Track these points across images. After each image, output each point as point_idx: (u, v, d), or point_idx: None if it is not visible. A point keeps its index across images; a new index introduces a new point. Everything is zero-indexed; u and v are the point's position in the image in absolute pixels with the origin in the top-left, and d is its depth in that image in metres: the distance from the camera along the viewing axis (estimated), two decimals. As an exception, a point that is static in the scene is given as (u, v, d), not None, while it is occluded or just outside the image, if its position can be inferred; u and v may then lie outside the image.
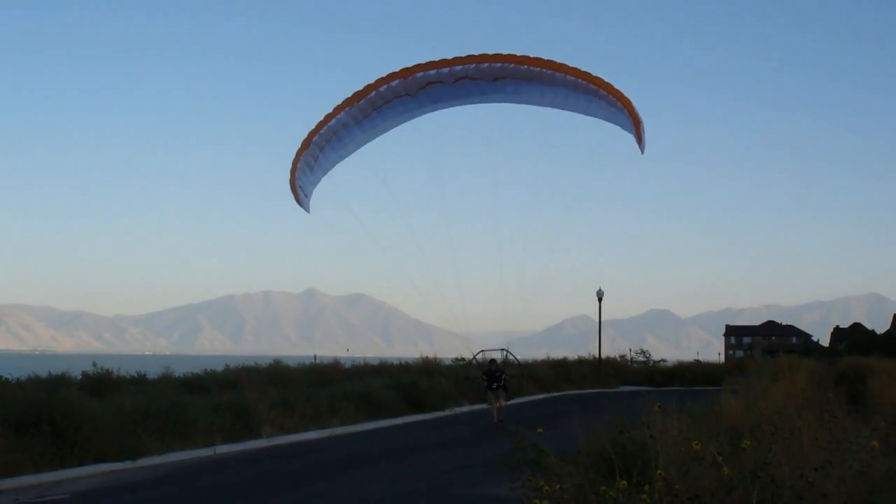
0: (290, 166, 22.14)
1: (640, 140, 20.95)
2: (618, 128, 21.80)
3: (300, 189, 22.20)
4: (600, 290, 62.82)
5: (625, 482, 8.45)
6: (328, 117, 21.51)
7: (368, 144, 22.50)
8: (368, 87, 21.16)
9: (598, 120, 22.07)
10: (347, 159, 22.64)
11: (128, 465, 20.10)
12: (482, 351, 33.48)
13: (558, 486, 9.26)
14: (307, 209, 22.81)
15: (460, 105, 22.39)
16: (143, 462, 20.52)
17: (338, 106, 21.39)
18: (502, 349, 33.57)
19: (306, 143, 21.74)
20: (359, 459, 22.03)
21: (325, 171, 22.79)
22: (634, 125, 20.72)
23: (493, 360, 31.61)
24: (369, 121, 21.59)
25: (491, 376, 30.56)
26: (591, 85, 20.59)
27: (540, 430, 10.24)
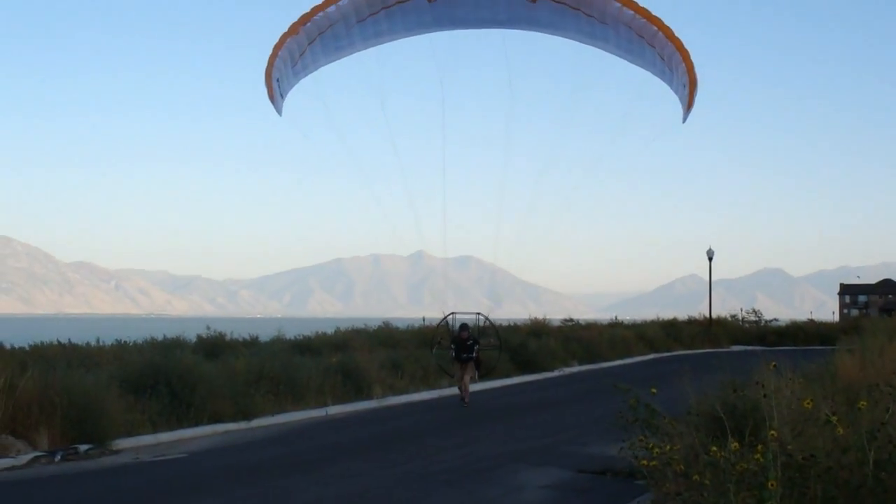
0: (271, 52, 18.23)
1: (689, 104, 17.94)
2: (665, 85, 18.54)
3: (276, 82, 18.46)
4: (710, 249, 62.09)
5: (737, 443, 8.36)
6: (327, 2, 17.79)
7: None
8: None
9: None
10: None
11: (242, 425, 20.45)
12: (453, 313, 28.08)
13: (668, 447, 9.20)
14: (279, 111, 19.22)
15: (483, 28, 19.41)
16: (258, 422, 20.86)
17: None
18: (477, 314, 28.13)
19: (294, 30, 17.91)
20: (469, 419, 22.15)
21: (309, 72, 19.12)
22: (689, 85, 17.47)
23: (464, 326, 25.87)
24: (374, 21, 18.06)
25: (461, 345, 25.07)
26: (650, 25, 17.12)
27: (654, 389, 10.15)
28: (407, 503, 12.39)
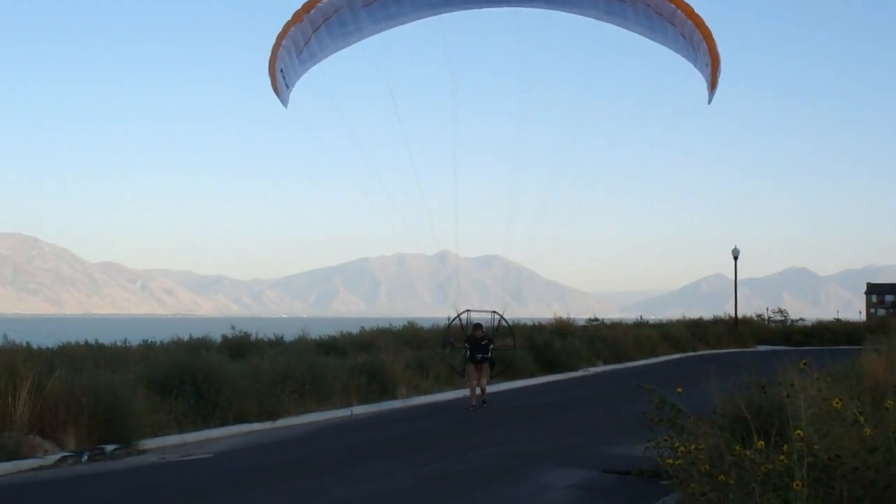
0: (274, 42, 17.47)
1: (713, 84, 17.16)
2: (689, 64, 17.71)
3: (280, 73, 17.78)
4: (736, 248, 61.93)
5: (762, 442, 8.33)
6: None
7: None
8: None
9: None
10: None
11: (268, 425, 20.50)
12: (468, 311, 26.81)
13: (693, 446, 9.17)
14: (285, 103, 18.68)
15: (496, 6, 18.67)
16: (283, 422, 20.91)
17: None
18: (493, 312, 27.11)
19: (298, 17, 17.16)
20: (493, 420, 22.14)
21: (317, 60, 18.39)
22: (711, 65, 16.70)
23: (478, 325, 25.05)
24: (381, 4, 17.33)
25: (476, 345, 24.38)
26: (667, 3, 16.38)
27: (679, 389, 10.11)
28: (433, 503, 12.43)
